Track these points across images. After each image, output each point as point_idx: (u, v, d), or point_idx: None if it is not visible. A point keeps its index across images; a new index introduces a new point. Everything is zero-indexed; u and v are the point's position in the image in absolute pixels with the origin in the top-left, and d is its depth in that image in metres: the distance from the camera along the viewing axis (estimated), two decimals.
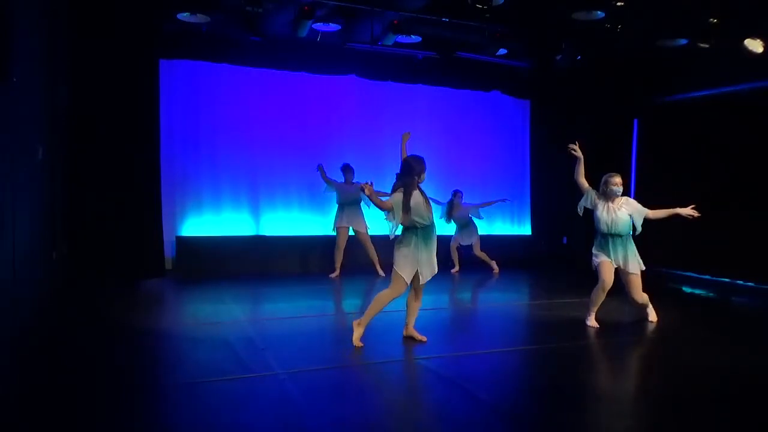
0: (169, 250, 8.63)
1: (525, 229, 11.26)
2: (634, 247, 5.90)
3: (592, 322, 5.92)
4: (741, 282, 8.74)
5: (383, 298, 5.08)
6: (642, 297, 5.99)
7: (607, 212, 5.82)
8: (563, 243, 10.77)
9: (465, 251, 9.66)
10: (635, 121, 10.63)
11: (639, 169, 10.62)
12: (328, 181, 8.80)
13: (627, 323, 6.31)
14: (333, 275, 8.79)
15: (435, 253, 5.11)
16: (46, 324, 5.59)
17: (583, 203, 5.94)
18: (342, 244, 8.81)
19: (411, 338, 5.22)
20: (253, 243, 9.28)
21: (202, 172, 9.09)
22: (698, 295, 8.39)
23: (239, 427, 3.38)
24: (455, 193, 9.46)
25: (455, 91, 10.59)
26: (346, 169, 8.80)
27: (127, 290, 7.36)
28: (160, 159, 8.10)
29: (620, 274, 5.88)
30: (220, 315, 6.27)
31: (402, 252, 5.00)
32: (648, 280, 5.95)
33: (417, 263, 4.99)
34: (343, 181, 8.82)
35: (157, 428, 3.47)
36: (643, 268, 5.91)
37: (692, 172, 9.49)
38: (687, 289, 8.63)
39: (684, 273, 9.43)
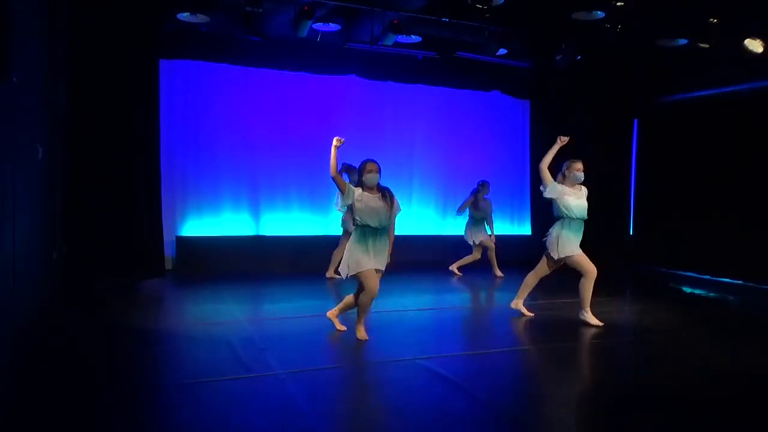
0: (169, 250, 8.62)
1: (525, 229, 11.26)
2: None
3: (592, 319, 5.90)
4: (741, 282, 8.74)
5: (360, 300, 5.23)
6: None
7: (577, 198, 5.83)
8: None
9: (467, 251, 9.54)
10: (635, 121, 10.63)
11: (639, 169, 10.62)
12: (344, 186, 8.47)
13: (627, 323, 6.32)
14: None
15: (379, 254, 5.13)
16: (46, 324, 5.59)
17: (551, 192, 5.85)
18: None
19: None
20: (253, 243, 9.28)
21: (202, 172, 9.08)
22: (698, 295, 8.39)
23: (239, 427, 3.38)
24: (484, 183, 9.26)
25: (455, 91, 10.58)
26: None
27: (127, 290, 7.36)
28: (160, 159, 8.10)
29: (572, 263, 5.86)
30: (220, 315, 6.27)
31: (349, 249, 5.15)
32: (648, 280, 5.93)
33: (356, 260, 5.06)
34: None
35: (157, 428, 3.47)
36: None
37: (692, 172, 9.49)
38: (687, 289, 8.63)
39: (684, 273, 9.42)
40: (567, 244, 5.81)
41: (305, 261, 9.40)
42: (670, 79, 9.67)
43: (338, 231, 9.75)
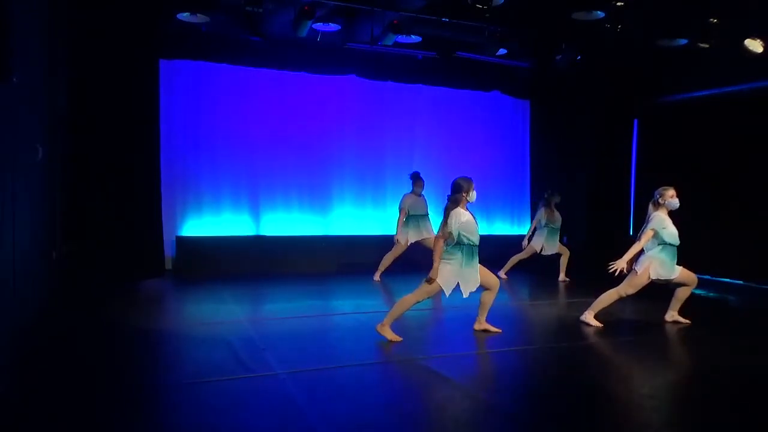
0: (169, 250, 8.63)
1: (525, 229, 11.21)
2: None
3: (593, 320, 5.91)
4: (741, 282, 8.73)
5: (408, 300, 5.28)
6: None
7: (673, 225, 5.79)
8: (563, 243, 10.76)
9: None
10: (635, 121, 10.63)
11: (639, 169, 10.62)
12: (404, 220, 8.23)
13: (627, 323, 6.32)
14: (375, 278, 8.46)
15: (477, 270, 5.32)
16: (46, 324, 5.59)
17: (658, 224, 5.69)
18: (398, 253, 8.34)
19: (485, 331, 5.62)
20: (253, 243, 9.28)
21: (202, 172, 9.08)
22: (698, 295, 8.37)
23: (239, 427, 3.38)
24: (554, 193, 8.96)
25: (455, 91, 10.59)
26: (417, 178, 8.30)
27: (127, 290, 7.36)
28: (160, 159, 8.10)
29: (672, 282, 5.87)
30: (220, 315, 6.27)
31: (447, 266, 5.16)
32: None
33: (460, 277, 5.20)
34: (411, 191, 8.29)
35: (157, 428, 3.47)
36: None
37: (692, 173, 9.48)
38: None
39: None
40: (667, 266, 5.74)
41: (305, 261, 9.41)
42: (670, 79, 9.67)
43: (338, 231, 9.80)
